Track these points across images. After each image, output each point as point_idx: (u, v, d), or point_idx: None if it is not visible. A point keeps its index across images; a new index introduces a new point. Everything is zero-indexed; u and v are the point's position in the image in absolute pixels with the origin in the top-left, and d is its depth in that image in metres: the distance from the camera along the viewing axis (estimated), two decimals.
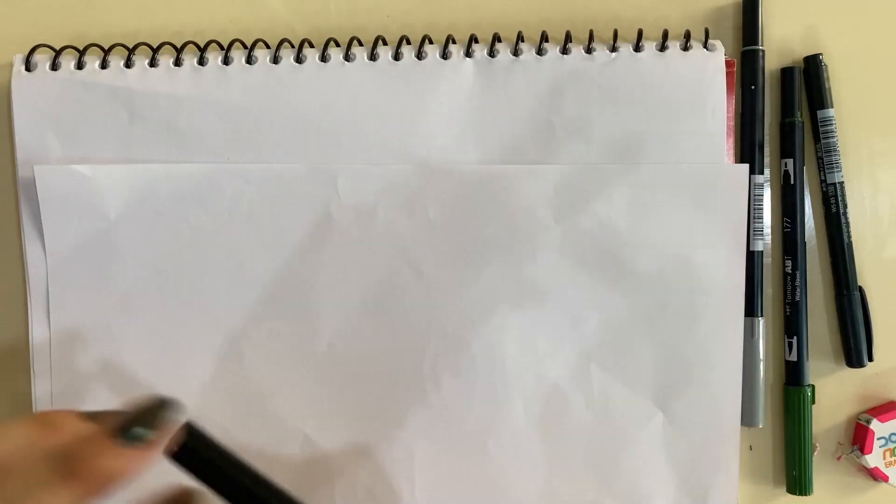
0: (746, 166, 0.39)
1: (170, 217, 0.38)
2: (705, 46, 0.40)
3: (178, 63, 0.38)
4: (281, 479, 0.28)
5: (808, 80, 0.42)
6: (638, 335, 0.40)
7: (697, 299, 0.39)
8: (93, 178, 0.38)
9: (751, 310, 0.42)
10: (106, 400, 0.38)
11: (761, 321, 0.42)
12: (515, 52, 0.39)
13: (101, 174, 0.38)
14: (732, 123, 0.41)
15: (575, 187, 0.39)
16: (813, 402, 0.42)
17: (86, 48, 0.38)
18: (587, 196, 0.39)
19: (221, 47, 0.38)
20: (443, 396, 0.39)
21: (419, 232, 0.39)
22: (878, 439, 0.42)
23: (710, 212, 0.39)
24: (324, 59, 0.38)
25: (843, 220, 0.42)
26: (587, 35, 0.40)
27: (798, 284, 0.42)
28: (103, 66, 0.38)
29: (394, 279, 0.39)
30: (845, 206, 0.42)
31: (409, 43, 0.39)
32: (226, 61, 0.38)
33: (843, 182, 0.42)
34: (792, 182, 0.42)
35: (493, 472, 0.40)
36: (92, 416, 0.23)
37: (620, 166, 0.39)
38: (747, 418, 0.42)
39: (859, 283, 0.42)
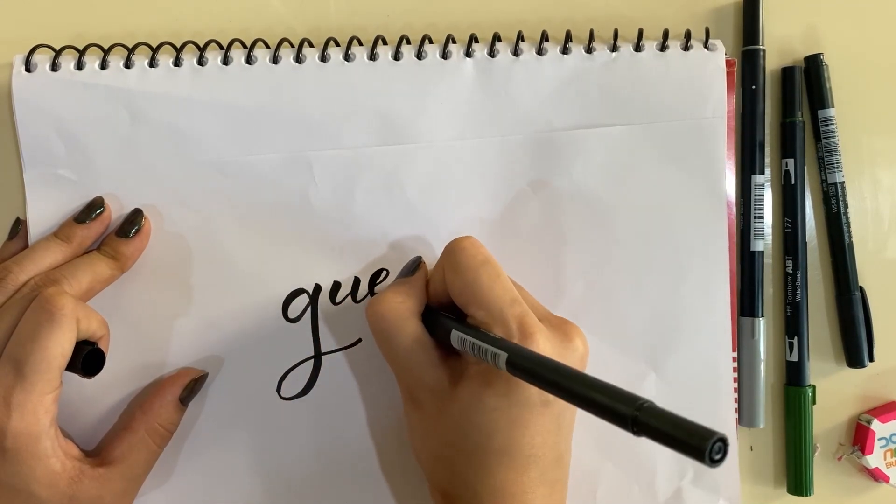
0: (722, 120, 0.40)
1: (153, 216, 0.38)
2: (706, 46, 0.40)
3: (177, 63, 0.38)
4: None
5: (809, 80, 0.42)
6: (625, 297, 0.40)
7: (682, 257, 0.40)
8: (78, 182, 0.38)
9: (751, 310, 0.42)
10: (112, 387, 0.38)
11: (762, 321, 0.42)
12: (515, 52, 0.39)
13: (85, 178, 0.38)
14: (733, 123, 0.41)
15: (550, 155, 0.39)
16: (814, 402, 0.42)
17: (86, 48, 0.37)
18: (563, 163, 0.39)
19: (221, 47, 0.38)
20: None
21: (399, 211, 0.39)
22: (879, 440, 0.42)
23: (688, 168, 0.40)
24: (324, 58, 0.38)
25: (843, 221, 0.42)
26: (587, 35, 0.39)
27: (799, 285, 0.42)
28: (103, 66, 0.38)
29: (377, 260, 0.39)
30: (846, 206, 0.42)
31: (409, 43, 0.39)
32: (225, 61, 0.38)
33: (843, 182, 0.42)
34: (793, 182, 0.42)
35: None
36: (87, 226, 0.37)
37: (594, 130, 0.39)
38: (748, 419, 0.42)
39: (860, 284, 0.42)
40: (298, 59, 0.38)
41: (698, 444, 0.22)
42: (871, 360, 0.43)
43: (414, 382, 0.35)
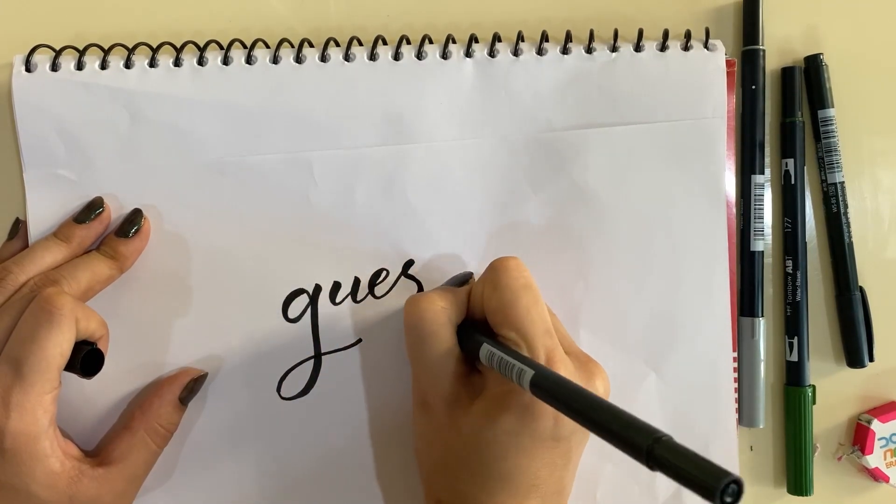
0: (722, 120, 0.40)
1: (153, 216, 0.38)
2: (706, 46, 0.40)
3: (177, 63, 0.38)
4: None
5: (809, 80, 0.42)
6: (625, 297, 0.40)
7: (681, 257, 0.40)
8: (78, 182, 0.38)
9: (751, 310, 0.42)
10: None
11: (762, 321, 0.42)
12: (515, 52, 0.39)
13: (85, 178, 0.38)
14: (733, 123, 0.41)
15: (550, 156, 0.39)
16: (814, 402, 0.42)
17: (86, 48, 0.37)
18: (563, 163, 0.39)
19: (221, 47, 0.38)
20: None
21: (399, 211, 0.39)
22: (879, 440, 0.42)
23: (687, 168, 0.40)
24: (324, 59, 0.38)
25: (843, 220, 0.42)
26: (587, 35, 0.39)
27: (799, 284, 0.42)
28: (103, 66, 0.38)
29: (377, 260, 0.39)
30: (846, 206, 0.42)
31: (409, 43, 0.39)
32: (225, 61, 0.38)
33: (843, 182, 0.42)
34: (793, 182, 0.42)
35: None
36: (87, 226, 0.37)
37: (594, 130, 0.39)
38: (748, 419, 0.42)
39: (860, 284, 0.42)
40: (298, 59, 0.38)
41: (711, 483, 0.22)
42: (871, 360, 0.43)
43: (432, 389, 0.35)
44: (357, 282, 0.39)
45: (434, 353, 0.34)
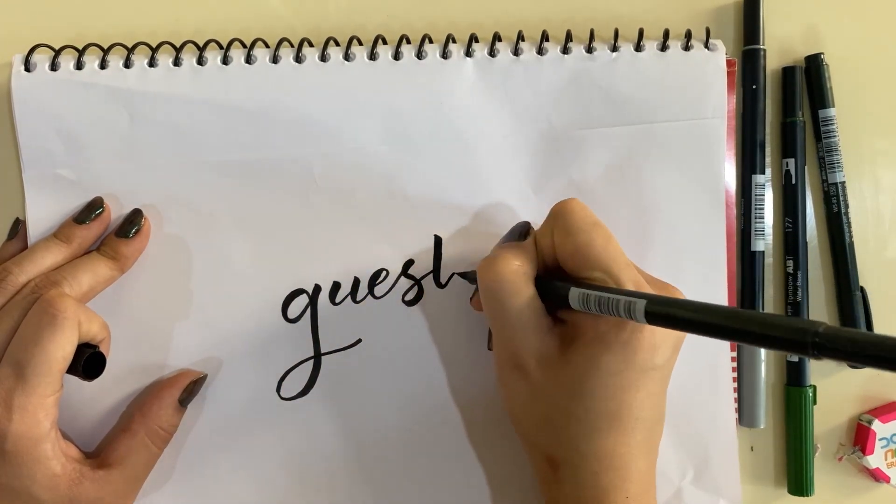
0: (722, 120, 0.40)
1: (153, 216, 0.38)
2: (706, 46, 0.40)
3: (177, 63, 0.38)
4: None
5: (810, 80, 0.42)
6: None
7: (680, 257, 0.40)
8: (77, 182, 0.38)
9: (752, 310, 0.41)
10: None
11: None
12: (515, 52, 0.39)
13: (85, 178, 0.38)
14: (733, 123, 0.41)
15: (550, 156, 0.39)
16: (814, 402, 0.42)
17: (85, 48, 0.37)
18: (563, 163, 0.39)
19: (221, 47, 0.38)
20: None
21: (399, 211, 0.39)
22: (880, 440, 0.42)
23: (687, 168, 0.40)
24: (323, 58, 0.38)
25: (844, 220, 0.42)
26: (587, 35, 0.39)
27: (799, 285, 0.42)
28: (102, 66, 0.37)
29: (377, 260, 0.39)
30: (847, 206, 0.42)
31: (409, 42, 0.39)
32: (225, 61, 0.38)
33: (844, 182, 0.42)
34: (793, 182, 0.42)
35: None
36: (87, 227, 0.37)
37: (594, 130, 0.39)
38: (748, 419, 0.42)
39: (860, 284, 0.42)
40: (298, 59, 0.38)
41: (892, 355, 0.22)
42: None
43: (523, 348, 0.34)
44: (357, 282, 0.39)
45: (518, 312, 0.34)
